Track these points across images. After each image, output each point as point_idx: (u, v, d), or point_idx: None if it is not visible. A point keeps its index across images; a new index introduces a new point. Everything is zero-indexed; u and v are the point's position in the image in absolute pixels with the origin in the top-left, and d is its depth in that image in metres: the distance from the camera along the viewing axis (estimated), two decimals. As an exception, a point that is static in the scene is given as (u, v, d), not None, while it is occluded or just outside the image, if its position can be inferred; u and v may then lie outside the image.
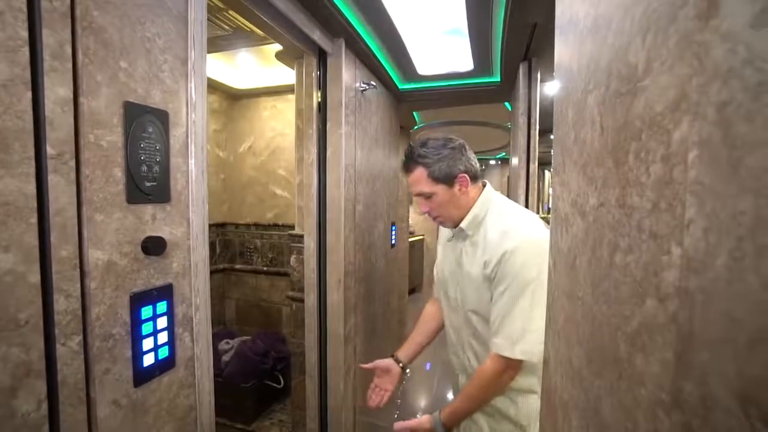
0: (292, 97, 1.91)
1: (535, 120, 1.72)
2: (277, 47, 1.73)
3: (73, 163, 0.54)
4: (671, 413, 0.30)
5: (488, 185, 1.11)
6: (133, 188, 0.64)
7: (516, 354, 0.93)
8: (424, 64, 2.00)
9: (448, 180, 1.03)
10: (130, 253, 0.63)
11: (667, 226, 0.31)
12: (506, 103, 2.61)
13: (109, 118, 0.59)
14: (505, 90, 2.23)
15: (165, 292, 0.70)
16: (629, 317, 0.36)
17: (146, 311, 0.66)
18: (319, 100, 1.52)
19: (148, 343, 0.67)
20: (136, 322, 0.64)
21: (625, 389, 0.37)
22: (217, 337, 2.30)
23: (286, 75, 2.21)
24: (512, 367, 0.96)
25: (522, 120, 1.78)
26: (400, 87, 2.19)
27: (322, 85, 1.53)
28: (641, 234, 0.34)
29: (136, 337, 0.64)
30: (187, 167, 0.75)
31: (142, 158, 0.65)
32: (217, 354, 2.15)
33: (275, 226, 2.51)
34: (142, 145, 0.65)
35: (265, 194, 2.53)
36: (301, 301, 1.64)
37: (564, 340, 0.56)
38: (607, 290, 0.41)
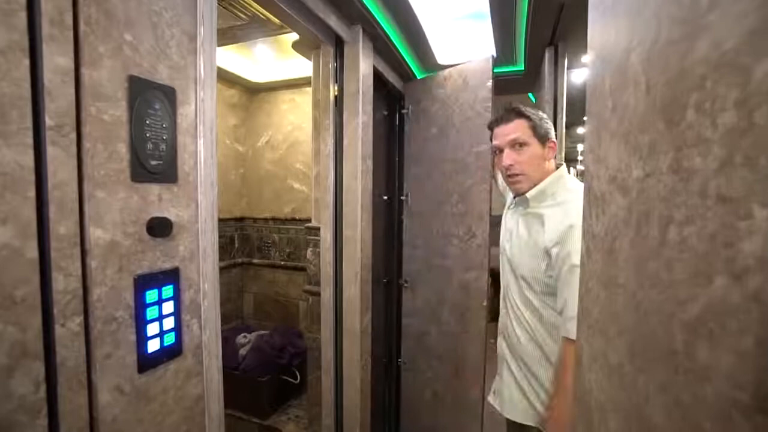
0: (310, 89, 1.89)
1: (562, 107, 1.63)
2: (294, 37, 1.71)
3: (73, 135, 0.52)
4: (753, 416, 0.24)
5: (564, 167, 1.13)
6: (137, 166, 0.61)
7: None
8: (445, 53, 1.93)
9: (544, 139, 1.09)
10: (134, 233, 0.61)
11: (743, 185, 0.25)
12: (530, 94, 2.51)
13: (112, 92, 0.57)
14: (529, 80, 2.14)
15: (171, 276, 0.68)
16: (688, 301, 0.30)
17: (151, 295, 0.64)
18: (336, 93, 1.49)
19: (153, 329, 0.64)
20: (141, 305, 0.62)
21: (683, 386, 0.31)
22: (234, 331, 2.31)
23: (304, 67, 2.20)
24: None
25: (547, 108, 1.70)
26: (419, 77, 2.13)
27: (339, 75, 1.49)
28: (705, 200, 0.28)
29: (141, 322, 0.62)
30: (196, 147, 0.73)
31: (148, 135, 0.63)
32: (234, 348, 2.16)
33: (293, 220, 2.50)
34: (147, 122, 0.62)
35: (282, 188, 2.53)
36: (318, 295, 1.61)
37: (599, 334, 0.50)
38: (657, 272, 0.35)
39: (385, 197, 2.07)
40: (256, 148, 2.61)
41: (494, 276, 1.51)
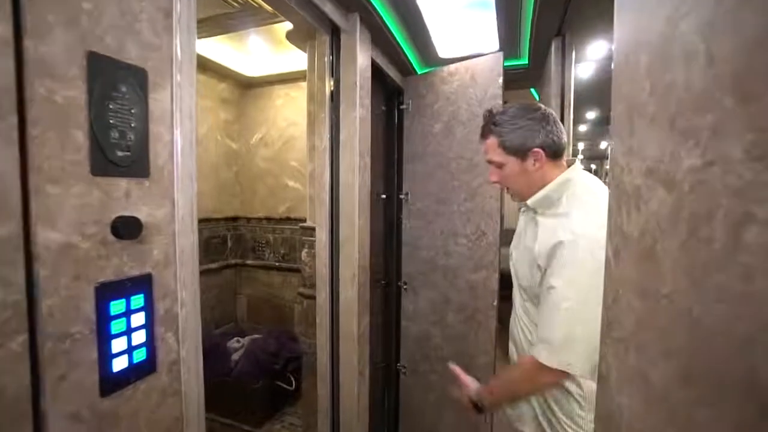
0: (305, 84, 1.81)
1: (569, 102, 1.56)
2: (288, 27, 1.63)
3: (14, 119, 0.44)
4: None
5: (576, 165, 1.00)
6: (99, 157, 0.53)
7: (553, 364, 0.84)
8: (445, 45, 1.85)
9: (521, 153, 0.96)
10: (95, 235, 0.52)
11: None
12: (532, 90, 2.43)
13: (66, 69, 0.48)
14: (533, 74, 2.06)
15: (142, 284, 0.59)
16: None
17: (117, 306, 0.55)
18: (332, 88, 1.41)
19: (119, 344, 0.56)
20: (104, 318, 0.54)
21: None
22: (227, 335, 2.23)
23: (300, 61, 2.11)
24: (552, 372, 0.86)
25: (554, 103, 1.62)
26: (419, 72, 2.05)
27: (336, 66, 1.41)
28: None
29: (104, 337, 0.54)
30: (172, 137, 0.64)
31: (112, 122, 0.54)
32: (226, 353, 2.08)
33: (288, 219, 2.41)
34: (111, 107, 0.54)
35: (277, 187, 2.44)
36: (313, 297, 1.53)
37: (634, 351, 0.43)
38: (726, 284, 0.28)
39: (383, 196, 1.99)
40: (249, 145, 2.52)
41: (504, 278, 1.43)
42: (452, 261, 1.83)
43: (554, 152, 0.97)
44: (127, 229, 0.55)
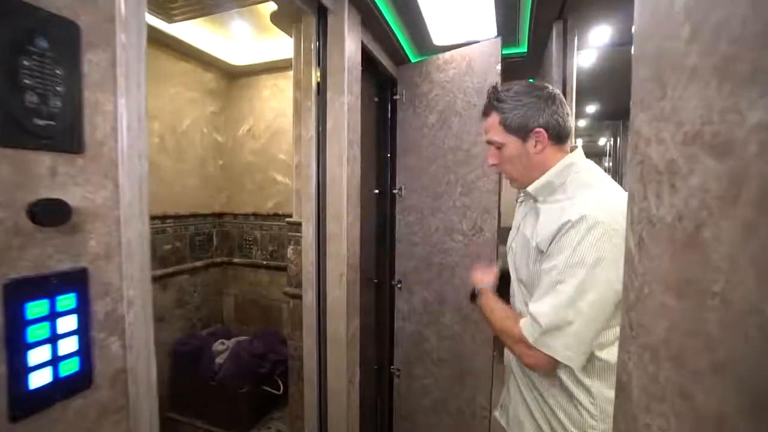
0: (292, 74, 1.72)
1: (572, 89, 1.47)
2: (273, 7, 1.53)
3: None
4: None
5: (578, 150, 0.93)
6: (9, 125, 0.43)
7: (539, 345, 0.79)
8: (441, 32, 1.76)
9: (522, 132, 0.90)
10: (3, 220, 0.43)
11: None
12: (531, 81, 2.35)
13: (-44, 9, 0.39)
14: (533, 63, 1.98)
15: (74, 281, 0.49)
16: None
17: (36, 307, 0.45)
18: (319, 79, 1.31)
19: (39, 355, 0.46)
20: (16, 323, 0.44)
21: None
22: (212, 337, 2.12)
23: (287, 49, 2.01)
24: (533, 349, 0.81)
25: (554, 91, 1.53)
26: (413, 60, 1.96)
27: (323, 50, 1.31)
28: None
29: (16, 347, 0.44)
30: (115, 108, 0.54)
31: (28, 83, 0.44)
32: (210, 355, 1.97)
33: (276, 216, 2.31)
34: (25, 64, 0.44)
35: (265, 181, 2.34)
36: (299, 297, 1.43)
37: (669, 362, 0.34)
38: None
39: (376, 191, 1.89)
40: (236, 138, 2.42)
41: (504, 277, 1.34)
42: (449, 258, 1.74)
43: (558, 135, 0.89)
44: (49, 214, 0.46)
